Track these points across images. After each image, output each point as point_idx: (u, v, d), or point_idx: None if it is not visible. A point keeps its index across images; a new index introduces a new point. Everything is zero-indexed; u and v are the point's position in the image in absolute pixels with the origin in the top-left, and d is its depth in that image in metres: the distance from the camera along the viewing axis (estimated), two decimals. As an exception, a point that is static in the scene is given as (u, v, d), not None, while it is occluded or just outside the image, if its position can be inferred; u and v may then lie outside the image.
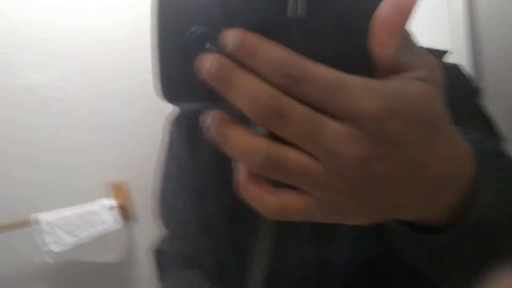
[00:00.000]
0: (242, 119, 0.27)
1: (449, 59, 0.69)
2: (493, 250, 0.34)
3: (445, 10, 1.04)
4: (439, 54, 0.68)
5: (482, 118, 0.65)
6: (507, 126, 0.68)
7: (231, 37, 0.27)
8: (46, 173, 1.82)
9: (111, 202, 1.78)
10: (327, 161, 0.26)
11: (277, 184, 0.29)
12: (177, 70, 0.28)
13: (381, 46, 0.27)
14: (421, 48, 0.29)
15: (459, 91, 0.63)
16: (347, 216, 0.29)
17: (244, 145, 0.27)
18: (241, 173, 0.29)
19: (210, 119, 0.28)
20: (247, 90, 0.26)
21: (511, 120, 0.95)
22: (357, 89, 0.25)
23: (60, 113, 1.81)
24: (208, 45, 0.27)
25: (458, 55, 1.04)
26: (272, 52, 0.26)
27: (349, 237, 0.64)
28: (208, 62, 0.27)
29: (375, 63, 0.28)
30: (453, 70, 0.68)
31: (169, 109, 0.83)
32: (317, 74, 0.25)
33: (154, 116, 1.81)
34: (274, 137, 0.27)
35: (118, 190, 1.86)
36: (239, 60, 0.26)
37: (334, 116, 0.26)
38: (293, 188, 0.28)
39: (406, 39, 0.28)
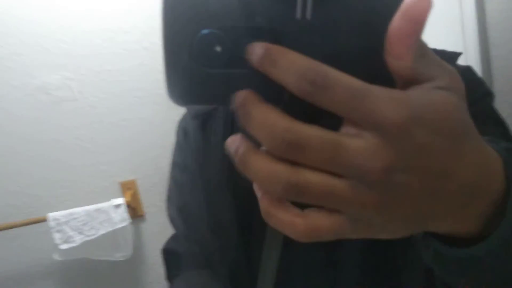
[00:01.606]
0: None
1: (461, 61, 0.69)
2: None
3: (457, 13, 1.03)
4: (452, 56, 0.68)
5: (495, 121, 0.64)
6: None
7: (254, 49, 0.27)
8: (58, 172, 1.83)
9: (120, 200, 1.79)
10: (352, 177, 0.26)
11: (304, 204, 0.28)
12: (187, 73, 0.28)
13: (397, 59, 0.26)
14: (438, 57, 0.28)
15: (472, 94, 0.63)
16: (378, 230, 0.29)
17: (264, 172, 0.27)
18: (263, 198, 0.29)
19: (234, 147, 0.28)
20: (263, 123, 0.26)
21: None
22: (381, 97, 0.25)
23: (74, 113, 1.82)
24: (218, 48, 0.27)
25: (469, 57, 1.04)
26: (296, 60, 0.25)
27: (358, 241, 0.64)
28: (238, 95, 0.27)
29: (389, 73, 0.27)
30: (466, 73, 0.67)
31: (179, 110, 0.84)
32: (343, 82, 0.25)
33: (164, 116, 1.82)
34: None
35: (127, 188, 1.87)
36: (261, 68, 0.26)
37: (357, 126, 0.26)
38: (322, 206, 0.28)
39: (422, 49, 0.27)
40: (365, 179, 0.26)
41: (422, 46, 0.27)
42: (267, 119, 0.26)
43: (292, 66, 0.25)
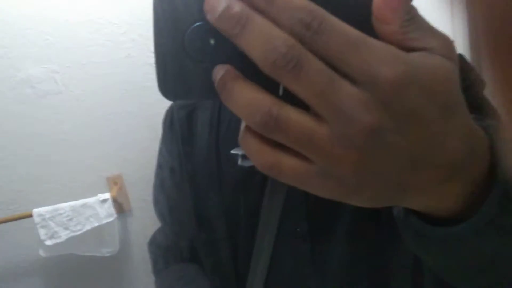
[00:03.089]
0: None
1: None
2: (507, 246, 0.32)
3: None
4: None
5: (486, 108, 0.64)
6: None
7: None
8: (43, 167, 1.81)
9: (105, 195, 1.77)
10: (336, 125, 0.24)
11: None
12: (179, 67, 0.27)
13: (383, 23, 0.25)
14: (429, 23, 0.27)
15: (464, 81, 0.63)
16: (348, 192, 0.27)
17: (246, 99, 0.25)
18: (243, 123, 0.28)
19: (218, 73, 0.26)
20: (262, 35, 0.24)
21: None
22: (378, 51, 0.24)
23: (59, 107, 1.80)
24: (211, 41, 0.27)
25: (458, 45, 1.04)
26: (294, 0, 0.24)
27: (344, 234, 0.64)
28: (220, 4, 0.25)
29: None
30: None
31: (167, 103, 0.83)
32: (341, 28, 0.24)
33: (152, 109, 1.80)
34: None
35: (113, 183, 1.86)
36: (256, 7, 0.25)
37: (349, 78, 0.24)
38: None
39: (411, 14, 0.26)
40: (348, 130, 0.24)
41: (411, 10, 0.26)
42: (269, 28, 0.24)
43: (288, 6, 0.24)
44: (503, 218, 0.30)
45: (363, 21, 0.26)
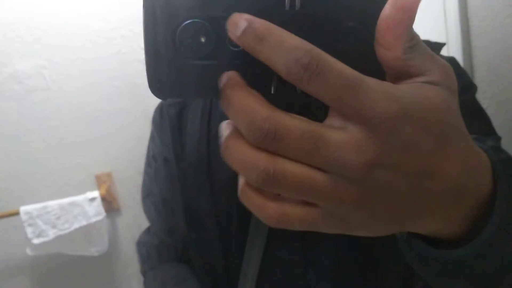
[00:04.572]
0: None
1: (443, 51, 0.69)
2: (508, 267, 0.33)
3: (440, 2, 1.04)
4: (436, 47, 0.68)
5: (478, 114, 0.65)
6: (499, 121, 0.68)
7: (235, 21, 0.25)
8: (31, 164, 1.79)
9: (94, 193, 1.75)
10: (333, 172, 0.25)
11: None
12: (170, 65, 0.27)
13: (386, 49, 0.26)
14: (430, 50, 0.28)
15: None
16: (354, 227, 0.28)
17: (241, 158, 0.26)
18: (241, 178, 0.28)
19: (220, 131, 0.28)
20: (242, 110, 0.25)
21: (501, 114, 0.95)
22: (372, 90, 0.24)
23: (47, 103, 1.77)
24: (202, 39, 0.26)
25: (451, 47, 1.04)
26: (288, 39, 0.24)
27: (337, 237, 0.64)
28: (220, 78, 0.26)
29: (379, 65, 0.27)
30: (450, 64, 0.67)
31: (157, 100, 0.81)
32: (337, 69, 0.24)
33: (142, 107, 1.79)
34: None
35: (102, 181, 1.84)
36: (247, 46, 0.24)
37: (343, 117, 0.25)
38: None
39: (413, 41, 0.26)
40: (345, 174, 0.25)
41: (413, 37, 0.26)
42: (247, 106, 0.25)
43: (283, 46, 0.24)
44: (503, 240, 0.31)
45: (363, 50, 0.26)
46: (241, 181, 0.28)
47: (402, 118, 0.24)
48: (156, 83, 0.28)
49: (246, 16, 0.25)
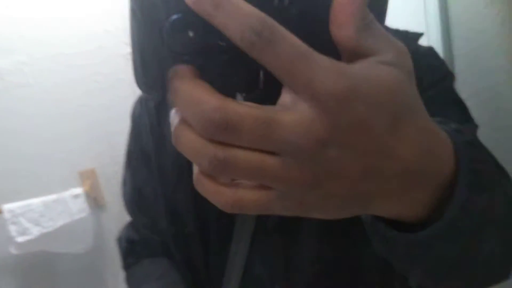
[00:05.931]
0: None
1: (423, 41, 0.70)
2: (470, 247, 0.34)
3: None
4: (414, 36, 0.68)
5: (455, 103, 0.65)
6: (477, 110, 0.69)
7: None
8: (13, 161, 1.77)
9: (79, 189, 1.74)
10: (285, 154, 0.25)
11: None
12: (157, 60, 0.27)
13: (339, 28, 0.26)
14: (386, 31, 0.27)
15: (433, 75, 0.63)
16: (311, 209, 0.28)
17: (191, 145, 0.26)
18: (195, 166, 0.28)
19: (171, 120, 0.27)
20: (192, 102, 0.25)
21: (481, 104, 0.96)
22: (322, 66, 0.24)
23: (28, 99, 1.76)
24: (190, 33, 0.26)
25: (431, 37, 1.04)
26: (243, 6, 0.24)
27: (314, 228, 0.64)
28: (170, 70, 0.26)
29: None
30: (427, 54, 0.68)
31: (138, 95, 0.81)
32: (289, 40, 0.23)
33: (125, 102, 1.76)
34: None
35: (87, 177, 1.83)
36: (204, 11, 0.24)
37: (293, 91, 0.24)
38: None
39: (368, 21, 0.26)
40: (297, 155, 0.24)
41: (367, 17, 0.26)
42: (195, 96, 0.24)
43: (238, 13, 0.23)
44: (465, 222, 0.31)
45: (319, 30, 0.26)
46: (195, 169, 0.28)
47: (352, 95, 0.24)
48: (142, 77, 0.27)
49: None
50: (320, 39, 0.25)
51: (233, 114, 0.24)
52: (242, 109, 0.24)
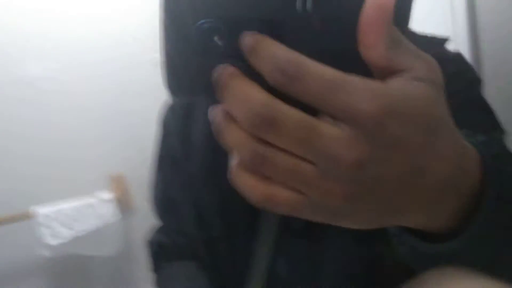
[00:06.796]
0: None
1: (450, 46, 0.69)
2: (497, 258, 0.34)
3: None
4: (441, 41, 0.68)
5: (483, 109, 0.64)
6: (506, 115, 0.68)
7: (245, 39, 0.26)
8: (44, 166, 1.80)
9: (108, 194, 1.77)
10: (322, 165, 0.25)
11: None
12: (185, 64, 0.28)
13: (368, 49, 0.26)
14: (414, 46, 0.28)
15: (462, 81, 0.62)
16: (340, 219, 0.29)
17: (235, 136, 0.27)
18: (233, 158, 0.29)
19: (213, 113, 0.28)
20: (241, 97, 0.26)
21: (509, 109, 0.94)
22: (356, 89, 0.24)
23: (58, 106, 1.79)
24: (216, 39, 0.27)
25: (458, 42, 1.03)
26: (271, 49, 0.25)
27: (341, 230, 0.64)
28: (218, 68, 0.27)
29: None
30: (455, 59, 0.67)
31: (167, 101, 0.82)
32: (315, 72, 0.24)
33: (153, 107, 1.79)
34: None
35: (116, 182, 1.85)
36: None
37: (332, 117, 0.25)
38: None
39: (395, 37, 0.27)
40: (335, 169, 0.25)
41: (395, 34, 0.27)
42: (245, 92, 0.26)
43: (269, 56, 0.25)
44: (492, 233, 0.32)
45: (345, 37, 0.26)
46: (232, 162, 0.29)
47: (388, 114, 0.24)
48: (171, 81, 0.29)
49: (254, 34, 0.26)
50: (347, 46, 0.26)
51: (279, 112, 0.25)
52: (287, 109, 0.25)
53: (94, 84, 1.81)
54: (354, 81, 0.25)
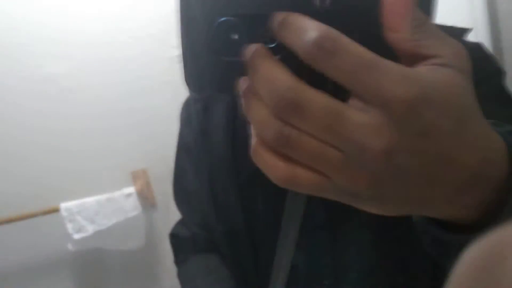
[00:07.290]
0: None
1: (470, 37, 0.68)
2: None
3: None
4: (460, 32, 0.66)
5: (506, 100, 0.63)
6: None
7: (276, 16, 0.26)
8: (68, 161, 1.84)
9: (131, 189, 1.80)
10: (348, 151, 0.25)
11: None
12: (204, 61, 0.28)
13: (392, 31, 0.25)
14: (440, 30, 0.27)
15: (483, 72, 0.61)
16: (363, 204, 0.28)
17: (260, 116, 0.26)
18: (255, 136, 0.28)
19: (242, 86, 0.28)
20: (268, 80, 0.25)
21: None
22: (392, 72, 0.24)
23: (81, 102, 1.83)
24: (235, 36, 0.27)
25: (478, 33, 1.01)
26: (308, 23, 0.25)
27: (365, 223, 0.63)
28: (247, 49, 0.27)
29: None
30: (476, 50, 0.65)
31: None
32: (353, 50, 0.24)
33: (174, 103, 1.81)
34: None
35: (138, 177, 1.88)
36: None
37: (362, 100, 0.24)
38: None
39: (423, 23, 0.26)
40: (362, 156, 0.24)
41: (420, 17, 0.26)
42: (272, 73, 0.25)
43: (302, 28, 0.24)
44: None
45: (376, 36, 0.26)
46: (254, 140, 0.28)
47: (421, 102, 0.24)
48: (191, 78, 0.29)
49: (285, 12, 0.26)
50: (369, 39, 0.25)
51: (304, 96, 0.24)
52: (314, 94, 0.25)
53: (115, 81, 1.83)
54: (389, 64, 0.24)
